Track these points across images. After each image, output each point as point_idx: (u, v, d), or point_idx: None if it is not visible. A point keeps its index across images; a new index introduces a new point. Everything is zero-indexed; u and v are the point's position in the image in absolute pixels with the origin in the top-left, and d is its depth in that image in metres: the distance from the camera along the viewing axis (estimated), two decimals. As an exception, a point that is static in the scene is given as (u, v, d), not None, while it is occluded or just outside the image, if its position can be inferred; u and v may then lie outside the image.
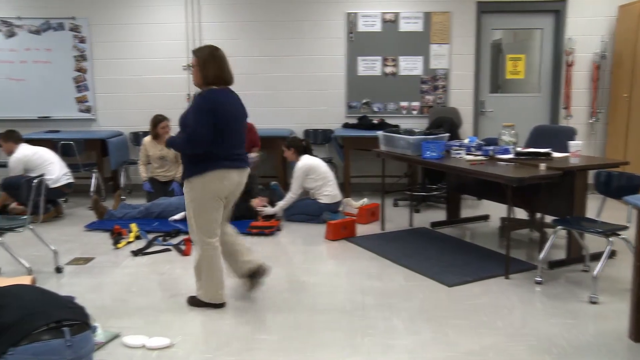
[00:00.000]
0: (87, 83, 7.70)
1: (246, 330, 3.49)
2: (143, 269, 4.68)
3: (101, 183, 7.34)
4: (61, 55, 7.64)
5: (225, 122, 3.60)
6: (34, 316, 2.40)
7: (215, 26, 7.47)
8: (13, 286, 2.63)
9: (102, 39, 7.59)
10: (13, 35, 7.64)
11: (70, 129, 7.71)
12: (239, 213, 5.94)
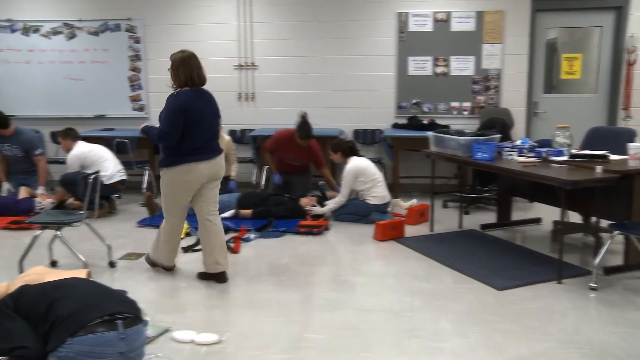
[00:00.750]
0: (141, 82, 7.87)
1: (294, 329, 3.50)
2: (192, 265, 4.75)
3: (153, 180, 7.48)
4: (117, 56, 7.84)
5: (196, 119, 4.10)
6: (89, 308, 2.47)
7: (267, 26, 7.53)
8: (69, 279, 2.71)
9: (155, 39, 7.75)
10: (74, 37, 7.88)
11: (124, 127, 7.89)
12: (288, 212, 5.99)
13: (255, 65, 7.61)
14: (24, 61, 8.01)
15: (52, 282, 2.71)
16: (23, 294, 2.62)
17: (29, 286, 2.69)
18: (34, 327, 2.49)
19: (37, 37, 7.94)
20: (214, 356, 3.17)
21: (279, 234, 5.57)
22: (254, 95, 7.66)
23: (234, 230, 5.59)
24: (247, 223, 5.77)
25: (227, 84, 7.69)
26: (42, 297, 2.54)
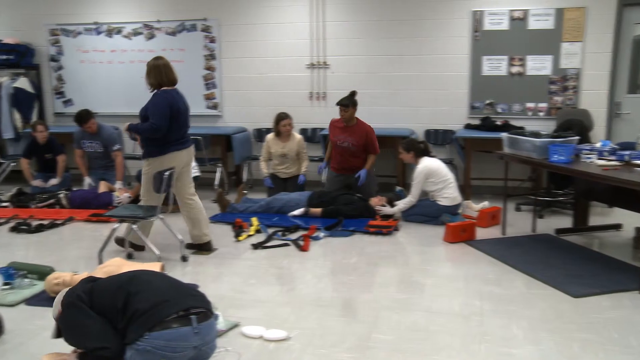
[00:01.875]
0: (215, 81, 8.05)
1: (362, 329, 3.49)
2: (262, 262, 4.82)
3: (225, 177, 7.64)
4: (193, 55, 8.04)
5: (176, 113, 4.72)
6: (166, 304, 2.53)
7: (339, 25, 7.54)
8: (142, 273, 2.78)
9: (230, 38, 7.90)
10: (152, 37, 8.14)
11: (198, 125, 8.08)
12: (357, 211, 5.98)
13: (327, 64, 7.63)
14: (106, 61, 8.34)
15: (126, 274, 2.77)
16: (97, 289, 2.68)
17: (102, 281, 2.76)
18: (110, 322, 2.57)
19: (119, 38, 8.25)
20: (281, 353, 3.21)
21: (349, 233, 5.57)
22: (325, 94, 7.69)
23: (303, 229, 5.64)
24: (317, 222, 5.79)
25: (298, 83, 7.75)
26: (117, 291, 2.61)
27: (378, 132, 7.25)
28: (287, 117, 6.65)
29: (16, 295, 4.04)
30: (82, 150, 7.19)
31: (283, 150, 6.72)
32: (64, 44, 8.48)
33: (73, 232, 5.83)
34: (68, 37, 8.44)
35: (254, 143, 8.00)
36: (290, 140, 6.72)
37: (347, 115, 6.37)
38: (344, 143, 6.47)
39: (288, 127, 6.65)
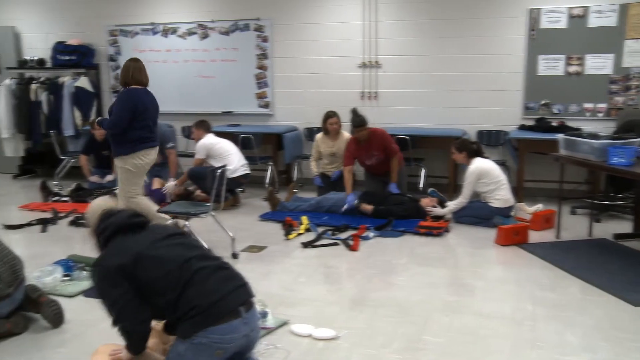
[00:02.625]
0: (267, 80, 8.11)
1: (411, 330, 3.46)
2: (311, 261, 4.84)
3: (275, 176, 7.69)
4: (245, 54, 8.13)
5: (143, 111, 4.88)
6: (223, 302, 2.56)
7: (392, 24, 7.49)
8: (202, 258, 2.74)
9: (282, 38, 7.95)
10: (206, 37, 8.27)
11: (250, 123, 8.17)
12: (407, 212, 5.94)
13: (379, 63, 7.60)
14: (161, 60, 8.52)
15: (183, 256, 2.68)
16: (150, 259, 2.64)
17: (160, 252, 2.68)
18: (151, 293, 2.61)
19: (174, 38, 8.42)
20: (330, 352, 3.21)
21: (399, 233, 5.53)
22: (376, 94, 7.65)
23: (353, 228, 5.63)
24: (367, 221, 5.78)
25: (350, 83, 7.74)
26: (173, 274, 2.59)
27: (429, 132, 7.22)
28: (334, 115, 6.65)
29: (75, 286, 4.17)
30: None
31: (332, 149, 6.73)
32: (122, 44, 8.70)
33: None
34: (126, 38, 8.66)
35: (304, 142, 8.03)
36: (339, 139, 6.72)
37: (364, 134, 6.29)
38: (371, 159, 6.42)
39: (335, 125, 6.64)
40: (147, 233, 2.81)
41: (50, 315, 3.53)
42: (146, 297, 2.62)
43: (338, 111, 6.79)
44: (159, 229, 2.92)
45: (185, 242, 2.83)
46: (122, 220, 2.80)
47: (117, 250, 2.69)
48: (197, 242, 2.87)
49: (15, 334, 3.43)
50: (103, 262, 2.68)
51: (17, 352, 3.27)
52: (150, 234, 2.80)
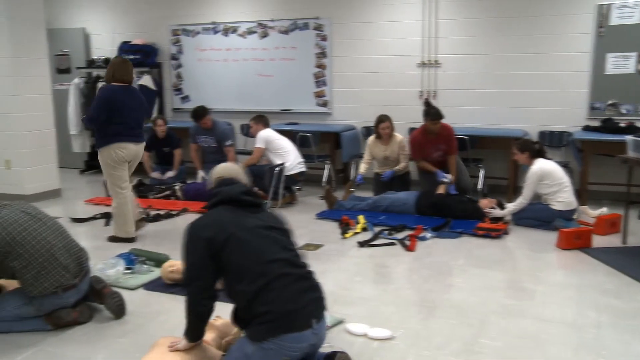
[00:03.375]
0: (326, 79, 8.14)
1: (469, 332, 3.41)
2: (368, 260, 4.82)
3: (333, 174, 7.70)
4: (304, 53, 8.18)
5: (120, 108, 5.09)
6: (297, 315, 2.58)
7: (452, 23, 7.39)
8: (283, 263, 2.70)
9: (341, 36, 7.96)
10: (266, 36, 8.37)
11: (308, 122, 8.21)
12: (465, 213, 5.85)
13: (439, 63, 7.51)
14: (222, 59, 8.67)
15: (271, 251, 2.68)
16: (234, 251, 2.64)
17: (250, 242, 2.67)
18: (227, 280, 2.68)
19: (234, 37, 8.55)
20: (385, 352, 3.19)
21: (456, 234, 5.45)
22: (435, 93, 7.57)
23: (410, 229, 5.58)
24: (424, 222, 5.72)
25: (409, 82, 7.68)
26: (256, 270, 2.60)
27: (489, 133, 7.09)
28: (386, 119, 6.56)
29: (136, 279, 4.29)
30: (197, 145, 7.51)
31: (385, 152, 6.66)
32: (183, 43, 8.90)
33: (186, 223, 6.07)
34: (188, 37, 8.84)
35: (362, 141, 8.01)
36: (391, 142, 6.64)
37: (437, 127, 6.21)
38: (436, 153, 6.34)
39: (387, 130, 6.55)
40: (252, 214, 2.79)
41: (113, 306, 3.63)
42: (225, 275, 2.69)
43: (396, 110, 6.76)
44: (266, 215, 2.87)
45: (282, 240, 2.78)
46: (233, 193, 2.82)
47: (213, 222, 2.72)
48: (292, 245, 2.83)
49: (81, 323, 3.55)
50: (196, 227, 2.75)
51: (83, 340, 3.38)
52: (254, 218, 2.77)
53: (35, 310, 3.44)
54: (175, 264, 4.21)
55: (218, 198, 2.81)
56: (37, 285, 3.38)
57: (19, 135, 6.87)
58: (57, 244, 3.49)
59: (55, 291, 3.41)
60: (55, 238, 3.51)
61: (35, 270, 3.36)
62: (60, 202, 7.09)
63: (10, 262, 3.33)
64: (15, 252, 3.32)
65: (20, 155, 6.90)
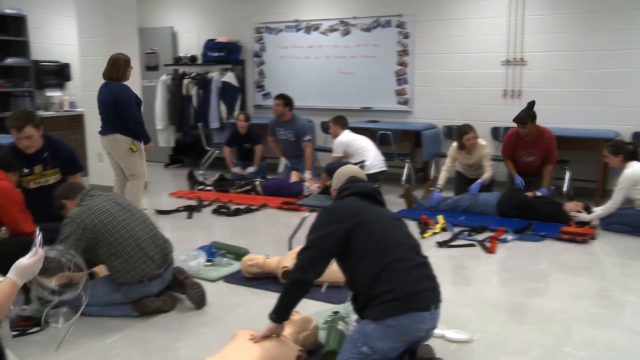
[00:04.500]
0: (407, 77, 8.06)
1: (551, 339, 3.29)
2: (446, 261, 4.74)
3: (412, 173, 7.62)
4: (386, 51, 8.12)
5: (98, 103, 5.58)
6: (417, 297, 2.65)
7: (540, 19, 7.13)
8: (405, 247, 2.82)
9: (424, 34, 7.86)
10: (348, 34, 8.38)
11: (388, 120, 8.16)
12: (550, 216, 5.64)
13: (524, 60, 7.28)
14: (304, 57, 8.75)
15: (391, 236, 2.80)
16: (364, 229, 2.77)
17: (372, 227, 2.80)
18: (351, 260, 2.78)
19: (316, 35, 8.61)
20: (463, 354, 3.14)
21: (539, 238, 5.27)
22: (520, 92, 7.34)
23: (490, 230, 5.45)
24: (506, 224, 5.57)
25: (492, 80, 7.48)
26: (379, 250, 2.72)
27: (577, 133, 6.83)
28: (469, 130, 6.25)
29: (216, 272, 4.40)
30: (275, 137, 7.63)
31: (469, 162, 6.46)
32: (266, 41, 9.04)
33: (266, 218, 6.21)
34: (271, 35, 8.98)
35: (443, 140, 7.89)
36: (475, 151, 6.40)
37: (526, 131, 5.99)
38: (528, 158, 6.11)
39: (472, 141, 6.28)
40: (379, 208, 2.98)
41: (194, 296, 3.75)
42: (349, 257, 2.77)
43: (478, 110, 6.60)
44: (389, 211, 3.03)
45: (406, 230, 2.94)
46: (367, 187, 3.02)
47: (350, 205, 2.89)
48: (413, 236, 2.95)
49: (164, 312, 3.68)
50: (334, 207, 2.93)
51: (165, 328, 3.51)
52: (383, 209, 2.98)
53: (123, 297, 3.60)
54: (255, 257, 4.29)
55: (353, 190, 2.97)
56: (124, 272, 3.53)
57: (110, 129, 7.17)
58: (143, 235, 3.63)
59: (141, 280, 3.56)
60: (142, 229, 3.65)
61: (122, 258, 3.51)
62: (145, 195, 7.32)
63: (100, 248, 3.51)
64: (105, 239, 3.49)
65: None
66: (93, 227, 3.47)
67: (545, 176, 6.10)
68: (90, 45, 7.10)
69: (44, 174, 4.48)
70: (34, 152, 4.37)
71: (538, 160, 6.09)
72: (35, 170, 4.43)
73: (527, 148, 6.09)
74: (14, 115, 4.34)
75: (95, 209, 3.54)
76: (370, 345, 2.62)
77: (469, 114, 7.53)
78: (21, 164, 4.32)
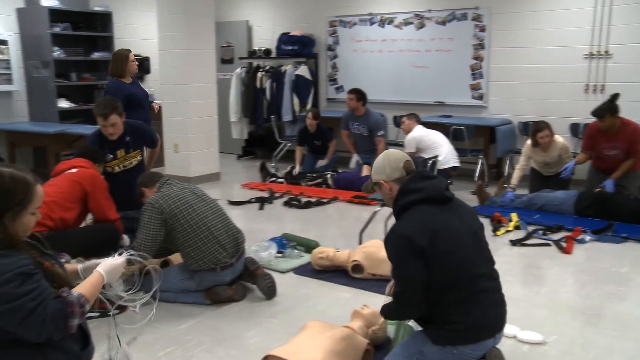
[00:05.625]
0: (482, 71, 7.87)
1: (633, 347, 3.15)
2: (520, 260, 4.62)
3: (486, 169, 7.46)
4: (461, 44, 7.96)
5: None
6: (485, 331, 2.55)
7: (628, 9, 6.76)
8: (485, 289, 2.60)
9: (501, 27, 7.64)
10: (422, 27, 8.26)
11: (462, 115, 8.01)
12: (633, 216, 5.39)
13: (610, 53, 6.95)
14: (377, 50, 8.70)
15: (469, 275, 2.51)
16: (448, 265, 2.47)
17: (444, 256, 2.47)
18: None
19: (390, 28, 8.53)
20: (536, 356, 3.05)
21: (620, 239, 5.04)
22: (603, 87, 7.02)
23: (567, 229, 5.27)
24: (584, 223, 5.36)
25: (573, 75, 7.19)
26: (455, 276, 2.48)
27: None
28: (544, 127, 5.98)
29: (287, 263, 4.45)
30: (348, 132, 7.62)
31: (545, 159, 6.21)
32: (340, 34, 9.04)
33: (336, 211, 6.22)
34: (344, 28, 8.97)
35: (518, 136, 7.67)
36: (551, 148, 6.15)
37: (605, 125, 5.68)
38: (610, 152, 5.80)
39: (546, 139, 6.01)
40: (451, 213, 2.59)
41: (265, 287, 3.80)
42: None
43: (558, 105, 6.36)
44: (461, 209, 2.67)
45: (484, 249, 2.65)
46: (438, 190, 2.59)
47: (422, 228, 2.46)
48: (489, 252, 2.68)
49: (235, 301, 3.76)
50: (405, 236, 2.46)
51: (236, 317, 3.58)
52: (457, 218, 2.58)
53: (196, 284, 3.70)
54: (325, 250, 4.31)
55: (423, 195, 2.55)
56: (197, 260, 3.62)
57: (187, 121, 7.37)
58: (217, 224, 3.72)
59: (214, 268, 3.64)
60: (215, 219, 3.74)
61: (195, 245, 3.61)
62: (219, 185, 7.53)
63: (175, 235, 3.62)
64: (179, 225, 3.60)
65: (187, 140, 7.41)
66: (169, 212, 3.58)
67: (620, 169, 5.76)
68: (169, 39, 7.31)
69: (127, 157, 4.68)
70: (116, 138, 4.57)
71: (621, 154, 5.78)
72: (117, 155, 4.63)
73: (609, 141, 5.81)
74: (100, 104, 4.53)
75: (171, 195, 3.66)
76: None
77: (547, 109, 7.28)
78: (105, 151, 4.53)
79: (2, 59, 7.54)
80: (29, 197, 2.02)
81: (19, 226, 2.01)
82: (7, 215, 1.98)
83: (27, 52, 7.70)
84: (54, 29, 7.63)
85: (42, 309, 1.90)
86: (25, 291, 1.89)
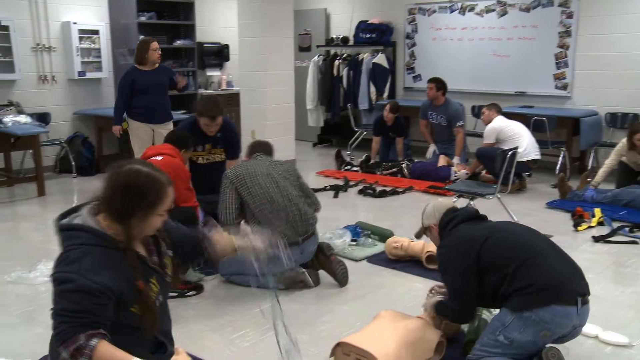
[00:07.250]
0: (567, 60, 7.55)
1: None
2: (603, 257, 4.44)
3: (568, 162, 7.18)
4: (545, 32, 7.67)
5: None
6: (561, 287, 2.55)
7: None
8: (539, 240, 2.79)
9: (590, 13, 7.30)
10: (505, 14, 8.01)
11: (544, 105, 7.73)
12: None
13: None
14: (456, 38, 8.50)
15: (523, 235, 2.80)
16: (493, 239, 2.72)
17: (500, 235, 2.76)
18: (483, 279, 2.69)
19: (471, 16, 8.32)
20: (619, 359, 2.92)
21: None
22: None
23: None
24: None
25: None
26: (512, 252, 2.66)
27: None
28: None
29: (360, 251, 4.45)
30: (426, 121, 7.52)
31: (638, 162, 5.88)
32: (419, 22, 8.90)
33: (411, 201, 6.16)
34: (423, 16, 8.82)
35: (604, 129, 7.33)
36: None
37: None
38: None
39: None
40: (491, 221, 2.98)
41: (338, 273, 3.81)
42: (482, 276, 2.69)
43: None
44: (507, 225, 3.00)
45: (530, 229, 2.93)
46: (471, 212, 3.03)
47: (464, 239, 2.78)
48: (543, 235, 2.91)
49: (309, 287, 3.79)
50: (453, 242, 2.82)
51: (309, 302, 3.62)
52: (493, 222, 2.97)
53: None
54: (399, 240, 4.28)
55: (459, 218, 2.90)
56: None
57: (264, 108, 7.47)
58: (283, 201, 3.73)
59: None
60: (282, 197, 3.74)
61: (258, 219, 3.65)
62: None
63: (245, 207, 3.73)
64: (245, 196, 3.70)
65: (264, 127, 7.50)
66: (237, 180, 3.72)
67: None
68: (248, 27, 7.40)
69: (212, 152, 4.74)
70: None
71: None
72: (205, 148, 4.70)
73: None
74: (207, 105, 4.48)
75: (244, 167, 3.82)
76: (507, 336, 2.55)
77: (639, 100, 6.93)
78: (195, 141, 4.51)
79: (93, 48, 7.86)
80: (160, 198, 1.99)
81: (144, 227, 2.00)
82: (138, 214, 1.95)
83: (116, 40, 8.00)
84: (140, 18, 7.91)
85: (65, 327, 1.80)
86: (69, 299, 1.83)
